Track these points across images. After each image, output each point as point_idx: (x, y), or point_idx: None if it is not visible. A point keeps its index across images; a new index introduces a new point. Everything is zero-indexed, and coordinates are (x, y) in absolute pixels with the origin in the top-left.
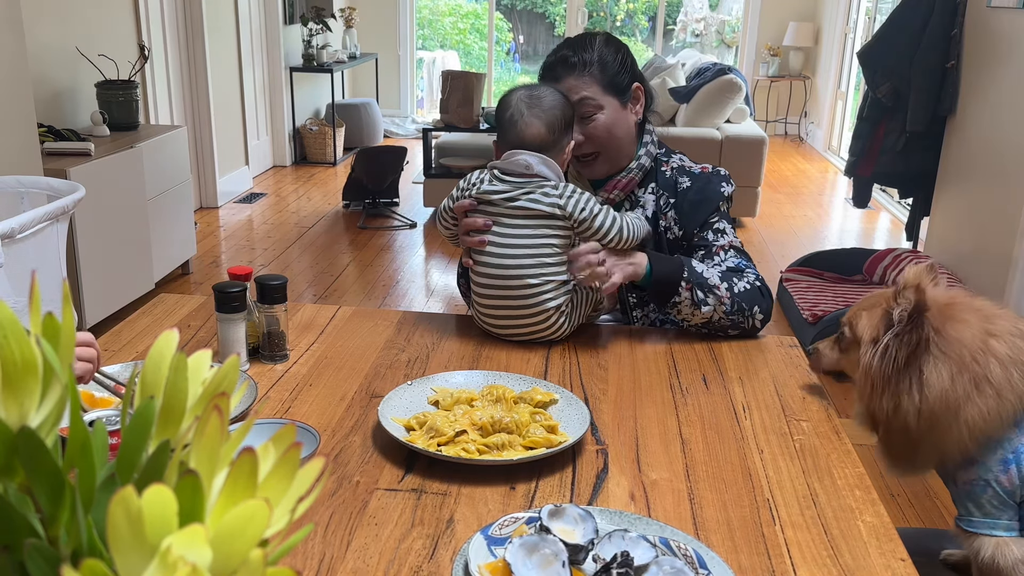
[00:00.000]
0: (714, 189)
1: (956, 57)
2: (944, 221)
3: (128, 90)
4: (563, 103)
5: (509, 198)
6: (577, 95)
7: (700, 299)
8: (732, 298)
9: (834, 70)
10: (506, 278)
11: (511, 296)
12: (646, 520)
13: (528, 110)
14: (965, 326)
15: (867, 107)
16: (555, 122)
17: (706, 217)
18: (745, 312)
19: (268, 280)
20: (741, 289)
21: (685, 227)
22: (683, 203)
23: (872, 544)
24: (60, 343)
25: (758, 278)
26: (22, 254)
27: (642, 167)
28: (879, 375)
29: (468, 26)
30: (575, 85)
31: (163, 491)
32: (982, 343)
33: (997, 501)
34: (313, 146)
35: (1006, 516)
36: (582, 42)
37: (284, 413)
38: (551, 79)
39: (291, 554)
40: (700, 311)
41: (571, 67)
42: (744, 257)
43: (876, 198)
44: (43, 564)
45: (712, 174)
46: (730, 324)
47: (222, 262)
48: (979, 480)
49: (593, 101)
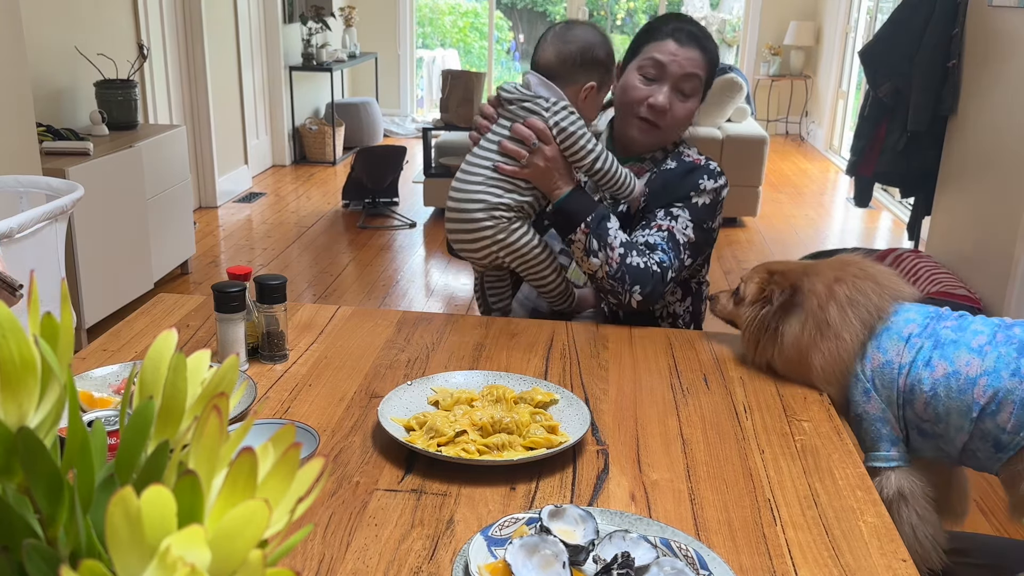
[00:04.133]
0: (692, 180)
1: (957, 56)
2: (945, 220)
3: (127, 89)
4: (589, 45)
5: (508, 101)
6: (686, 70)
7: (592, 249)
8: (620, 265)
9: (835, 69)
10: (466, 169)
11: (459, 185)
12: (647, 521)
13: (550, 38)
14: (818, 278)
15: (868, 106)
16: (569, 55)
17: (670, 201)
18: (625, 284)
19: (267, 280)
20: (635, 264)
21: (649, 202)
22: (658, 181)
23: (873, 544)
24: (59, 343)
25: (662, 264)
26: (21, 254)
27: (655, 159)
28: (752, 334)
29: (468, 25)
30: (693, 58)
31: (162, 492)
32: (827, 290)
33: (873, 431)
34: (313, 145)
35: (883, 447)
36: (704, 29)
37: (283, 413)
38: (675, 33)
39: (291, 555)
40: (588, 260)
41: (695, 40)
42: (672, 245)
43: (877, 198)
44: (42, 565)
45: (700, 166)
46: (609, 289)
47: (221, 262)
48: (854, 416)
49: (695, 84)
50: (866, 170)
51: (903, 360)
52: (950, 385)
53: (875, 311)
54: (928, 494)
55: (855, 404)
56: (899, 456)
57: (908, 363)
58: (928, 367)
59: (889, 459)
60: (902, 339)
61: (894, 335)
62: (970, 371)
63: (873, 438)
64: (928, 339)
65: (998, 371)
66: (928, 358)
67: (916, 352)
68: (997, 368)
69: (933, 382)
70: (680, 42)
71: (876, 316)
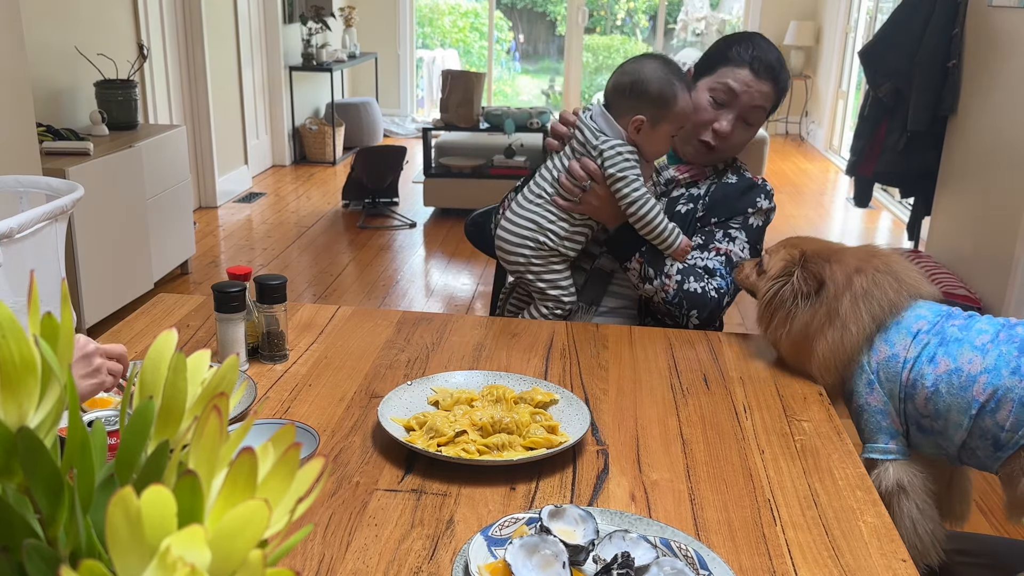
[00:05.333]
0: (751, 198)
1: (957, 56)
2: (945, 220)
3: (127, 89)
4: (642, 79)
5: (576, 127)
6: (756, 103)
7: (648, 276)
8: (677, 292)
9: (835, 69)
10: (532, 188)
11: (523, 202)
12: (647, 521)
13: (621, 66)
14: (840, 266)
15: (868, 106)
16: (620, 86)
17: (728, 216)
18: (683, 309)
19: (267, 280)
20: (692, 289)
21: (707, 212)
22: (718, 192)
23: (873, 545)
24: (59, 343)
25: (720, 290)
26: (21, 254)
27: (715, 169)
28: (768, 308)
29: (468, 25)
30: (765, 92)
31: (162, 492)
32: (846, 279)
33: (873, 423)
34: (313, 145)
35: (881, 439)
36: (781, 59)
37: (283, 413)
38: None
39: (290, 555)
40: (644, 287)
41: (771, 73)
42: (730, 269)
43: (877, 198)
44: (42, 565)
45: (758, 185)
46: (666, 312)
47: (221, 262)
48: (855, 406)
49: (760, 115)
50: (866, 170)
51: (908, 355)
52: (951, 381)
53: (888, 306)
54: (929, 488)
55: (858, 395)
56: (898, 449)
57: (913, 358)
58: (932, 363)
59: (887, 452)
60: (910, 334)
61: (903, 330)
62: (972, 368)
63: (872, 430)
64: (935, 336)
65: (998, 369)
66: (933, 354)
67: (922, 348)
68: (998, 366)
69: (935, 378)
70: (757, 74)
71: (888, 311)
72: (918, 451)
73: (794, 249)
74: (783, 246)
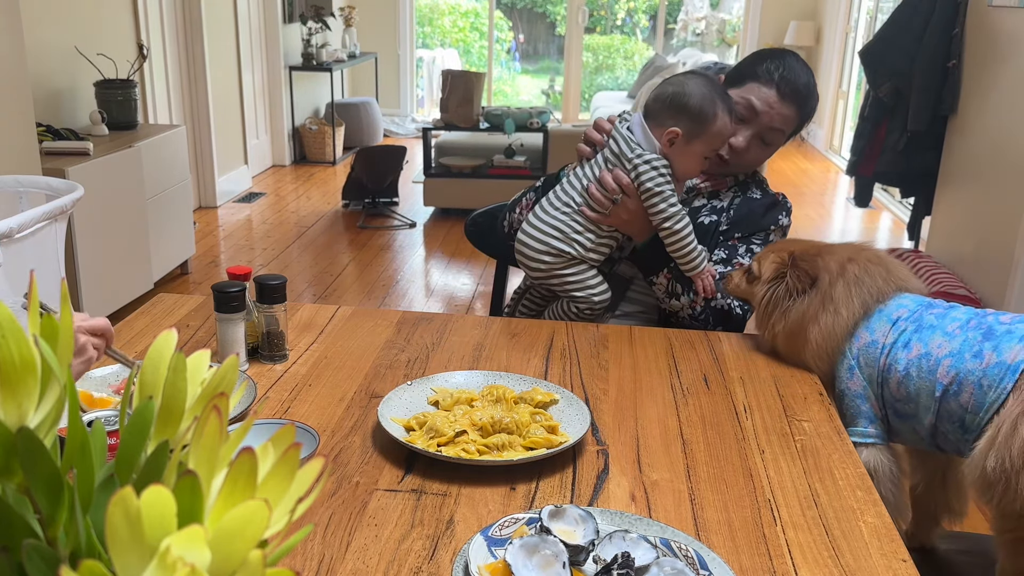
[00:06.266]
0: (773, 215)
1: (957, 56)
2: (946, 220)
3: (127, 89)
4: (684, 92)
5: (610, 136)
6: (775, 125)
7: (675, 292)
8: (704, 308)
9: (835, 69)
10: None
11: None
12: (647, 521)
13: (668, 78)
14: (832, 257)
15: (868, 106)
16: (662, 96)
17: (751, 232)
18: (708, 324)
19: (267, 280)
20: (719, 305)
21: (731, 227)
22: (744, 207)
23: (873, 545)
24: (59, 343)
25: (744, 306)
26: (20, 254)
27: (736, 179)
28: (766, 311)
29: (468, 25)
30: (787, 116)
31: (162, 492)
32: (839, 267)
33: (853, 408)
34: (312, 145)
35: (861, 423)
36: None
37: (283, 413)
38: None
39: (290, 555)
40: (670, 302)
41: (797, 98)
42: None
43: (878, 198)
44: (42, 565)
45: (780, 202)
46: (690, 325)
47: (221, 262)
48: (837, 391)
49: (778, 137)
50: (866, 170)
51: (887, 341)
52: (920, 365)
53: (876, 294)
54: (896, 474)
55: (839, 380)
56: (876, 434)
57: (890, 344)
58: (906, 348)
59: (865, 435)
60: (890, 321)
61: (884, 317)
62: (939, 352)
63: (852, 414)
64: (913, 323)
65: (962, 353)
66: (908, 340)
67: (899, 334)
68: (961, 350)
69: (907, 362)
70: (783, 96)
71: (876, 298)
72: (898, 437)
73: (783, 252)
74: (771, 251)
